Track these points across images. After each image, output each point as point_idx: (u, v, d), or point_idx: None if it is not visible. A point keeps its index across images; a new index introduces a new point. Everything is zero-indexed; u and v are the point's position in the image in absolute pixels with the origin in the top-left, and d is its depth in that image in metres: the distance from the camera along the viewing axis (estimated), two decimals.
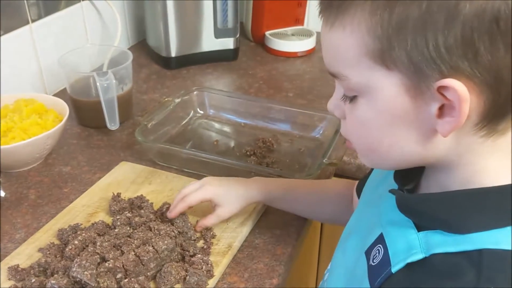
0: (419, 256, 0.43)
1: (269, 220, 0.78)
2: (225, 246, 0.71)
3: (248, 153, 0.93)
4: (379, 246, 0.49)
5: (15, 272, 0.65)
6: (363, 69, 0.43)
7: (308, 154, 0.94)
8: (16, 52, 1.03)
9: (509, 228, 0.41)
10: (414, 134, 0.44)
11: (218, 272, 0.67)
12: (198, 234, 0.73)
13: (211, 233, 0.73)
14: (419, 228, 0.45)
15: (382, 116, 0.44)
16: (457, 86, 0.39)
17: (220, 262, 0.69)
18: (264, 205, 0.79)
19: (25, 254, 0.70)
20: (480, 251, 0.41)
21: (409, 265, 0.44)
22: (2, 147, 0.81)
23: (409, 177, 0.51)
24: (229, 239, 0.73)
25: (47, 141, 0.86)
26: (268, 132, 1.00)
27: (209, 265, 0.67)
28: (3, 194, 0.81)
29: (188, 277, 0.64)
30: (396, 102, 0.42)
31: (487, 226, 0.42)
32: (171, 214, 0.72)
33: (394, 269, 0.45)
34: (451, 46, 0.38)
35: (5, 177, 0.87)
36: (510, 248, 0.40)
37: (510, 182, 0.43)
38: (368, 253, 0.51)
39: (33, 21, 1.05)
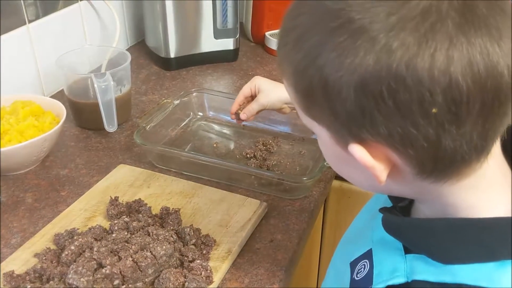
0: (400, 280, 0.43)
1: (270, 224, 0.77)
2: (224, 251, 0.70)
3: (248, 155, 0.92)
4: (365, 262, 0.49)
5: (10, 278, 0.64)
6: (304, 116, 0.44)
7: (309, 156, 0.93)
8: (13, 53, 1.01)
9: (490, 264, 0.40)
10: (359, 174, 0.45)
11: (217, 278, 0.66)
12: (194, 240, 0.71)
13: (210, 237, 0.71)
14: (408, 251, 0.45)
15: (331, 155, 0.47)
16: (357, 154, 0.40)
17: (219, 267, 0.67)
18: (265, 209, 0.78)
19: (21, 260, 0.68)
20: (459, 286, 0.40)
21: (389, 287, 0.44)
22: None
23: None
24: (229, 244, 0.71)
25: (44, 143, 0.85)
26: (269, 134, 0.99)
27: (208, 271, 0.65)
28: None
29: (187, 283, 0.63)
30: (333, 148, 0.43)
31: (468, 259, 0.41)
32: (243, 116, 0.88)
33: None
34: (346, 118, 0.39)
35: (1, 180, 0.86)
36: (488, 286, 0.40)
37: (491, 216, 0.42)
38: (353, 265, 0.51)
39: (30, 21, 1.04)
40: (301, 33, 0.40)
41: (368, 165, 0.40)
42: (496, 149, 0.42)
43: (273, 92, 0.87)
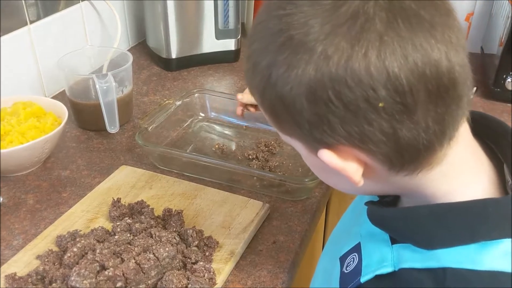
0: (388, 269, 0.44)
1: (272, 226, 0.77)
2: (227, 253, 0.70)
3: (250, 156, 0.92)
4: (354, 255, 0.50)
5: (12, 280, 0.64)
6: (280, 133, 0.47)
7: None
8: (14, 54, 1.01)
9: (472, 246, 0.42)
10: (339, 179, 0.46)
11: (220, 280, 0.66)
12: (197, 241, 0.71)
13: (213, 239, 0.71)
14: (394, 241, 0.46)
15: (311, 165, 0.49)
16: (325, 159, 0.42)
17: (222, 269, 0.67)
18: (267, 210, 0.78)
19: (23, 262, 0.68)
20: (444, 270, 0.42)
21: (377, 277, 0.45)
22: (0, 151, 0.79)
23: None
24: (232, 246, 0.71)
25: (45, 144, 0.84)
26: (271, 135, 0.99)
27: (211, 273, 0.65)
28: (1, 199, 0.80)
29: (190, 285, 0.63)
30: (311, 158, 0.45)
31: (451, 243, 0.42)
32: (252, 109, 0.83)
33: (363, 279, 0.46)
34: (308, 126, 0.41)
35: (2, 182, 0.85)
36: (472, 268, 0.41)
37: (471, 199, 0.43)
38: (342, 259, 0.52)
39: (31, 22, 1.03)
40: (255, 59, 0.42)
41: (338, 168, 0.42)
42: (465, 134, 0.44)
43: None
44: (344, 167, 0.42)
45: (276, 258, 0.71)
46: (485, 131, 0.48)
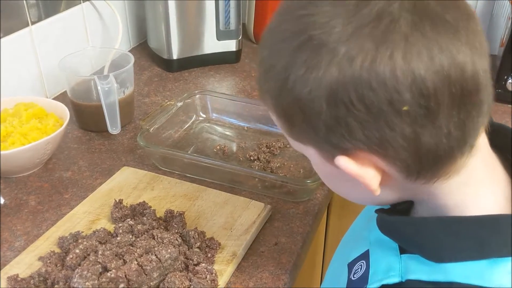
0: (395, 279, 0.44)
1: (274, 227, 0.77)
2: (229, 254, 0.70)
3: (251, 158, 0.92)
4: (362, 262, 0.49)
5: (15, 282, 0.64)
6: (292, 141, 0.46)
7: None
8: (16, 55, 1.01)
9: (482, 262, 0.41)
10: (353, 187, 0.45)
11: (222, 281, 0.66)
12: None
13: (215, 240, 0.71)
14: (403, 251, 0.45)
15: (323, 174, 0.49)
16: (343, 165, 0.41)
17: (224, 271, 0.67)
18: (269, 212, 0.78)
19: (25, 263, 0.68)
20: (451, 284, 0.41)
21: (384, 287, 0.44)
22: (1, 152, 0.79)
23: None
24: (234, 247, 0.71)
25: (47, 146, 0.84)
26: (272, 136, 0.99)
27: (214, 274, 0.65)
28: (2, 200, 0.80)
29: (192, 287, 0.63)
30: (324, 166, 0.45)
31: (461, 257, 0.41)
32: None
33: None
34: (325, 131, 0.40)
35: (4, 183, 0.85)
36: (480, 284, 0.40)
37: (478, 212, 0.42)
38: (351, 265, 0.51)
39: (33, 23, 1.03)
40: (270, 61, 0.41)
41: (356, 174, 0.41)
42: (483, 144, 0.43)
43: None
44: (361, 174, 0.41)
45: (278, 260, 0.71)
46: (504, 143, 0.47)
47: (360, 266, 0.49)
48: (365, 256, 0.50)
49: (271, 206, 0.79)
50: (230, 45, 1.29)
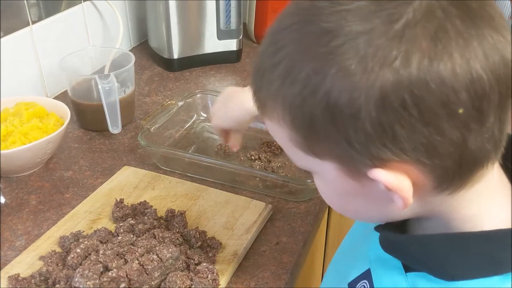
0: None
1: (275, 227, 0.77)
2: (230, 254, 0.70)
3: (252, 157, 0.92)
4: (365, 282, 0.48)
5: (16, 281, 0.64)
6: (301, 157, 0.41)
7: None
8: (16, 54, 1.01)
9: (494, 278, 0.39)
10: (372, 204, 0.43)
11: (223, 281, 0.66)
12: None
13: (216, 240, 0.71)
14: (407, 268, 0.44)
15: (336, 191, 0.44)
16: (382, 178, 0.37)
17: (225, 270, 0.67)
18: (270, 211, 0.78)
19: (26, 263, 0.68)
20: None
21: None
22: (2, 152, 0.79)
23: None
24: (235, 247, 0.71)
25: (48, 145, 0.84)
26: None
27: (215, 274, 0.65)
28: (3, 200, 0.80)
29: (193, 286, 0.62)
30: (342, 182, 0.41)
31: (471, 275, 0.40)
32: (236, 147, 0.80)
33: None
34: (365, 140, 0.36)
35: (5, 183, 0.85)
36: None
37: (494, 228, 0.41)
38: (352, 285, 0.50)
39: (33, 22, 1.03)
40: (289, 66, 0.37)
41: (393, 187, 0.37)
42: None
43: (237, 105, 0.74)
44: (400, 186, 0.37)
45: (279, 259, 0.71)
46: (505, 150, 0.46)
47: (363, 286, 0.48)
48: (366, 275, 0.48)
49: (272, 205, 0.79)
50: (231, 45, 1.29)
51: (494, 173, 0.41)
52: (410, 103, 0.34)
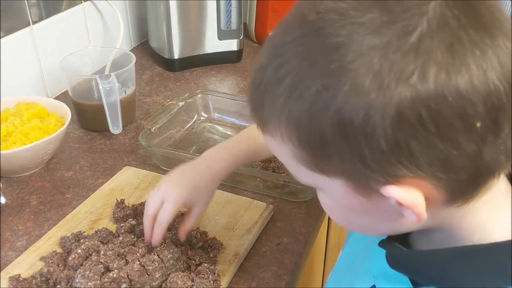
0: None
1: (276, 227, 0.77)
2: (231, 254, 0.70)
3: None
4: None
5: (16, 282, 0.64)
6: (306, 174, 0.40)
7: None
8: (17, 54, 1.01)
9: None
10: (381, 219, 0.42)
11: (224, 281, 0.66)
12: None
13: (217, 240, 0.71)
14: (415, 284, 0.43)
15: (342, 208, 0.43)
16: (396, 195, 0.36)
17: (227, 271, 0.67)
18: (271, 212, 0.78)
19: (27, 263, 0.68)
20: None
21: None
22: (2, 152, 0.79)
23: None
24: (236, 247, 0.71)
25: (48, 145, 0.84)
26: None
27: (216, 274, 0.65)
28: (3, 200, 0.80)
29: (194, 287, 0.62)
30: (350, 199, 0.40)
31: (483, 286, 0.39)
32: (155, 241, 0.65)
33: None
34: (379, 157, 0.35)
35: (5, 183, 0.85)
36: None
37: (505, 235, 0.40)
38: None
39: (34, 22, 1.03)
40: (296, 82, 0.35)
41: (409, 204, 0.37)
42: None
43: (201, 196, 0.68)
44: (414, 202, 0.36)
45: (280, 260, 0.71)
46: None
47: None
48: None
49: (273, 206, 0.79)
50: (232, 45, 1.29)
51: (501, 181, 0.41)
52: (427, 117, 0.33)
